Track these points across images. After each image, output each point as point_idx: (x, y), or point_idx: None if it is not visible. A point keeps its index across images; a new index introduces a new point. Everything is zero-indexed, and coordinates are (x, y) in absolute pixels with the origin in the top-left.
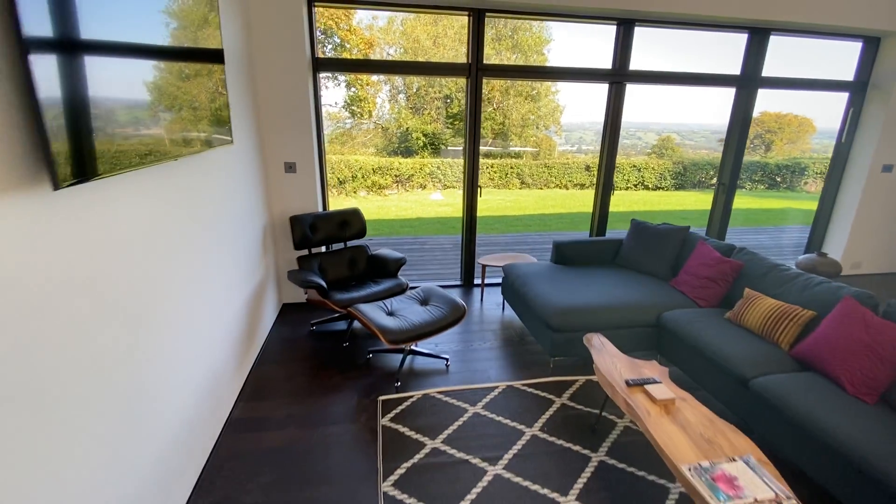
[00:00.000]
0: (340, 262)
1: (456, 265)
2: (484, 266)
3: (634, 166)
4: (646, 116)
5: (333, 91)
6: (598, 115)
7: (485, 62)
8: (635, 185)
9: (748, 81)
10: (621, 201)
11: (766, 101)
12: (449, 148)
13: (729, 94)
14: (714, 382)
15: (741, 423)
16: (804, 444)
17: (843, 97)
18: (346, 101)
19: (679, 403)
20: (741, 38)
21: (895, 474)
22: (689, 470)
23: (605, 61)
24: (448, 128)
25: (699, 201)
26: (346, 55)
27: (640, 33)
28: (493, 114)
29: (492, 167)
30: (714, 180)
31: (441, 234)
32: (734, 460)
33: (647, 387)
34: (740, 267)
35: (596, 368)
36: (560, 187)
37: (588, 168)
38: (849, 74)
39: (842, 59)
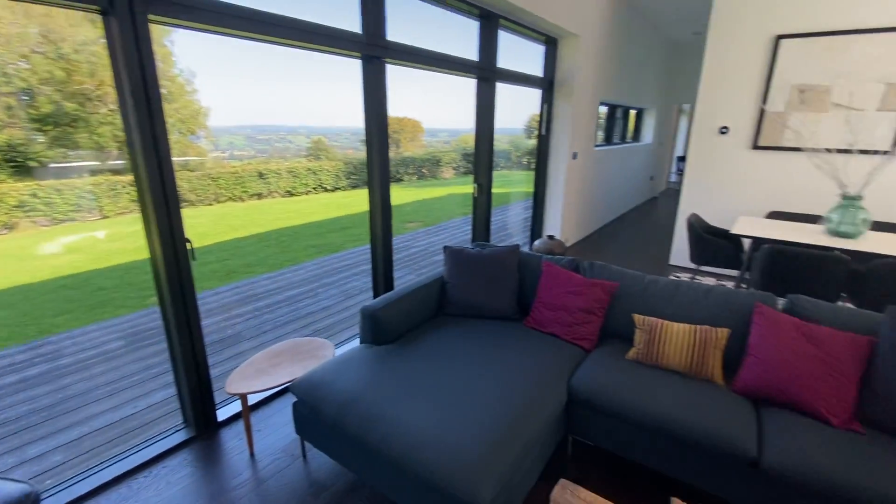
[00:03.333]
0: None
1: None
2: (244, 398)
3: (310, 170)
4: (294, 120)
5: None
6: (249, 118)
7: None
8: (314, 189)
9: (487, 72)
10: (305, 207)
11: (392, 107)
12: (51, 166)
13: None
14: (704, 472)
15: None
16: None
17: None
18: None
19: None
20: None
21: None
22: None
23: None
24: (38, 134)
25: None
26: None
27: None
28: (110, 116)
29: (123, 186)
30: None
31: (84, 324)
32: None
33: None
34: (615, 287)
35: None
36: (234, 199)
37: (262, 175)
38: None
39: (533, 57)
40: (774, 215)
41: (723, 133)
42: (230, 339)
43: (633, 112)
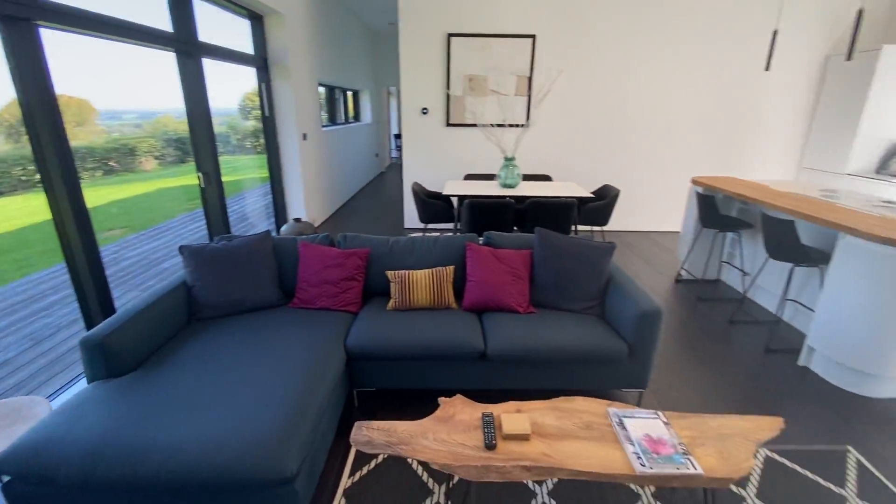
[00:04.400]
0: None
1: None
2: None
3: None
4: None
5: None
6: None
7: None
8: None
9: (188, 46)
10: None
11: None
12: None
13: None
14: (456, 374)
15: (491, 389)
16: (556, 370)
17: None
18: None
19: (529, 415)
20: None
21: (607, 345)
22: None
23: None
24: None
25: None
26: None
27: None
28: None
29: None
30: (37, 176)
31: None
32: (623, 425)
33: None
34: (367, 253)
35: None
36: None
37: None
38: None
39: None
40: (469, 177)
41: (424, 113)
42: None
43: (349, 94)
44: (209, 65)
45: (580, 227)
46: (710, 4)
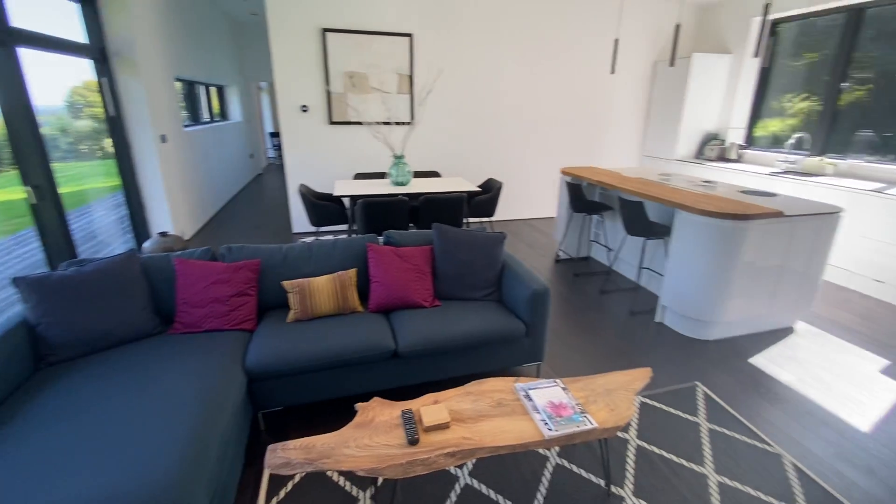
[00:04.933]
0: None
1: None
2: None
3: None
4: None
5: None
6: None
7: None
8: None
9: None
10: None
11: None
12: None
13: None
14: (370, 377)
15: (404, 387)
16: (458, 356)
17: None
18: None
19: (447, 404)
20: None
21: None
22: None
23: None
24: None
25: None
26: None
27: None
28: None
29: None
30: None
31: None
32: (529, 396)
33: (409, 428)
34: (258, 264)
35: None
36: None
37: None
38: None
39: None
40: (360, 176)
41: (304, 111)
42: None
43: (213, 89)
44: (29, 56)
45: (470, 220)
46: (563, 14)
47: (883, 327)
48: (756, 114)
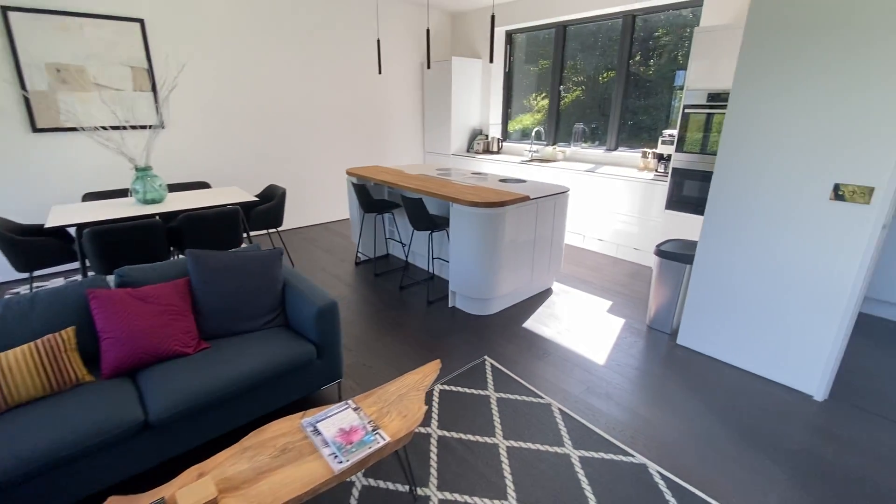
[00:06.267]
0: None
1: None
2: None
3: None
4: None
5: None
6: None
7: None
8: None
9: None
10: None
11: None
12: None
13: None
14: (113, 466)
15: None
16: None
17: None
18: None
19: (215, 472)
20: None
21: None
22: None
23: None
24: None
25: None
26: None
27: None
28: None
29: None
30: None
31: None
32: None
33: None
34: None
35: None
36: None
37: None
38: None
39: None
40: (90, 196)
41: None
42: None
43: None
44: None
45: (253, 233)
46: (324, 12)
47: (606, 275)
48: (507, 111)
